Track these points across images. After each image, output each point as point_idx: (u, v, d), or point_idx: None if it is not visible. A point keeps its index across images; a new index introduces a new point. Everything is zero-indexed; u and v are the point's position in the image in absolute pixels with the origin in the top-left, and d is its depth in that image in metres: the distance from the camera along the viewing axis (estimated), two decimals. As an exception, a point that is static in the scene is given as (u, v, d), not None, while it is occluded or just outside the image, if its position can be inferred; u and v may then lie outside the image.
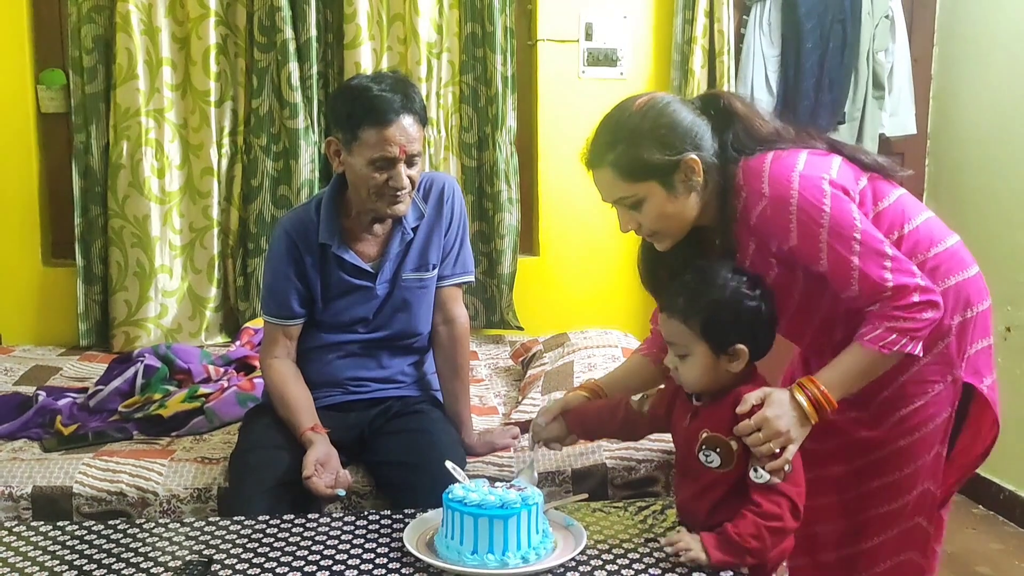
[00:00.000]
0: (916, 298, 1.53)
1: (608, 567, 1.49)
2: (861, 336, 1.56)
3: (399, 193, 1.93)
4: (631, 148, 1.59)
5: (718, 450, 1.52)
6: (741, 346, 1.54)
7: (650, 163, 1.58)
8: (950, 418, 1.69)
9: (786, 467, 1.50)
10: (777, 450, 1.49)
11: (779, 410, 1.50)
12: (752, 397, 1.52)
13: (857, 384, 1.59)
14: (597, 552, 1.53)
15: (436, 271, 2.10)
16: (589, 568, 1.48)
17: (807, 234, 1.56)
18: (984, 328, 1.70)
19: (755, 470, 1.51)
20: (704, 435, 1.54)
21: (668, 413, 1.68)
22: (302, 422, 1.94)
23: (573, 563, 1.48)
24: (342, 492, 1.82)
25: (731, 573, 1.46)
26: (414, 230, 2.06)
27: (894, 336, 1.53)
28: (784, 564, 1.68)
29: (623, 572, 1.47)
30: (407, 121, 1.89)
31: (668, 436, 1.77)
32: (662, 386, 1.74)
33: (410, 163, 1.93)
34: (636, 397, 1.80)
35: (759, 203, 1.59)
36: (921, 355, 1.58)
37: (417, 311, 2.10)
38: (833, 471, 1.78)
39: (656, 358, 1.81)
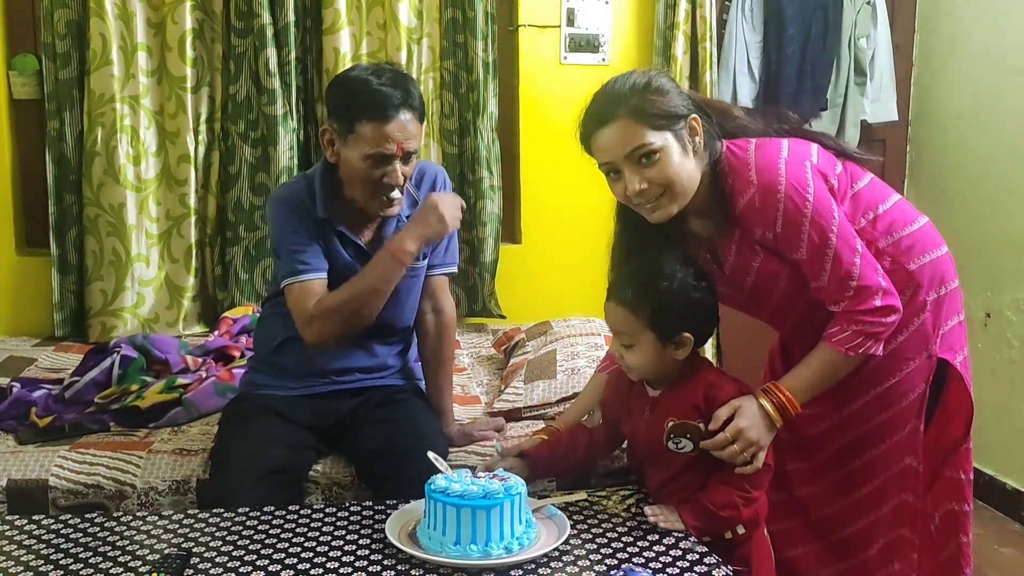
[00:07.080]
0: (878, 302, 1.59)
1: (592, 556, 1.48)
2: (829, 336, 1.62)
3: (393, 194, 1.90)
4: (653, 96, 1.58)
5: (688, 436, 1.58)
6: (687, 335, 1.60)
7: (670, 111, 1.58)
8: (924, 393, 1.73)
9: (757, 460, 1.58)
10: (749, 457, 1.57)
11: (750, 420, 1.57)
12: (722, 412, 1.57)
13: (821, 387, 1.66)
14: (580, 541, 1.53)
15: (427, 261, 2.07)
16: (572, 558, 1.47)
17: (791, 222, 1.59)
18: (956, 305, 1.75)
19: None
20: (671, 423, 1.59)
21: (623, 409, 1.71)
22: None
23: (556, 553, 1.48)
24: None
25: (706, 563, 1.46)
26: (407, 218, 2.01)
27: (860, 339, 1.60)
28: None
29: (607, 561, 1.47)
30: (406, 117, 1.85)
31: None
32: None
33: (406, 160, 1.89)
34: (584, 419, 1.86)
35: (747, 191, 1.60)
36: (881, 353, 1.63)
37: (406, 300, 2.06)
38: (818, 457, 1.82)
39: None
